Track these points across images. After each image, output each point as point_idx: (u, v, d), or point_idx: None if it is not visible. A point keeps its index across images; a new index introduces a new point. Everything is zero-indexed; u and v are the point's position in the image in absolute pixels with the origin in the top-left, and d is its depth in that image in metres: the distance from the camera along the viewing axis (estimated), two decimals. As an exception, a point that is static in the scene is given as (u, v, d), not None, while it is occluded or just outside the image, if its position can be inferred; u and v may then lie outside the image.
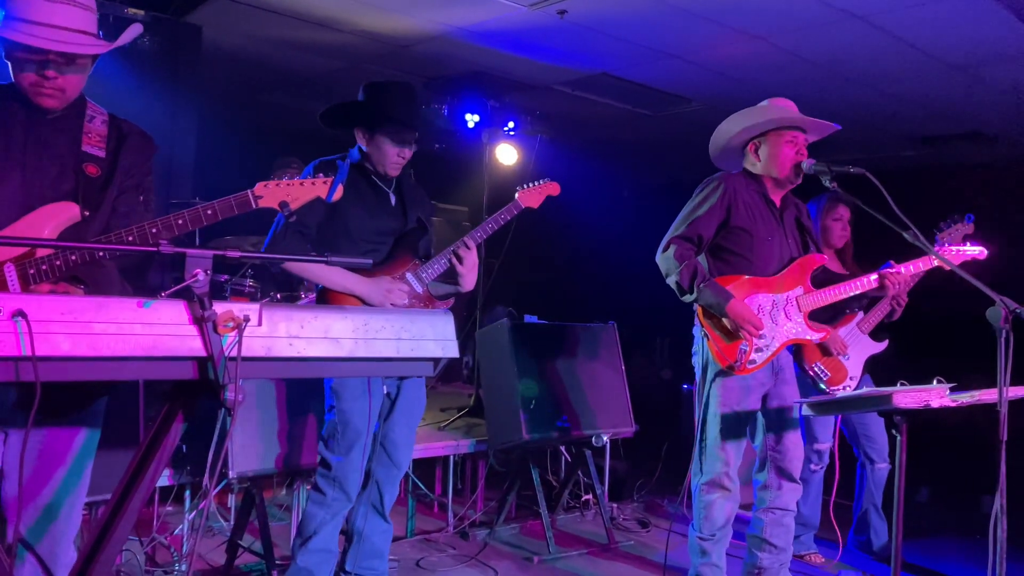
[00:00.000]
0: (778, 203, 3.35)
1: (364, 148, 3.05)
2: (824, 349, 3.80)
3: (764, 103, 3.33)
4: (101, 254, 1.96)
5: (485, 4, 4.38)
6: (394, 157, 3.02)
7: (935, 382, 2.67)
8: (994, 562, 2.45)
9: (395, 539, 4.10)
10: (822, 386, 3.76)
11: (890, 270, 3.31)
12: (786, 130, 3.25)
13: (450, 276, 3.12)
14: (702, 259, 3.29)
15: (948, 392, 2.63)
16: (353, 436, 2.92)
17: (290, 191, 2.15)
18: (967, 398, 2.66)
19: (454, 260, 3.06)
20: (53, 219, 1.98)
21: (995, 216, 3.77)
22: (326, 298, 2.97)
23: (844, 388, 3.80)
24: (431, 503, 4.72)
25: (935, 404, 2.62)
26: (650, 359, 8.06)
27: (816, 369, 3.78)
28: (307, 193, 2.20)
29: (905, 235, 2.82)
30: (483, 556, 4.03)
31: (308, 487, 3.17)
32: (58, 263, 1.91)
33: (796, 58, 4.90)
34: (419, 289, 3.05)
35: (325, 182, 2.23)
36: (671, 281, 3.21)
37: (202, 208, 2.03)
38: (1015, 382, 2.47)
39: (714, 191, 3.25)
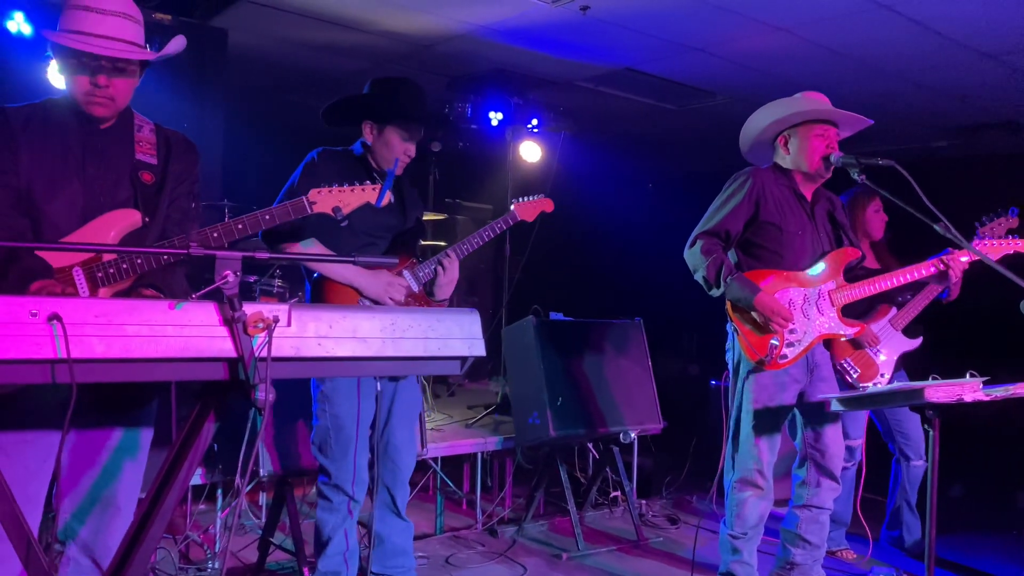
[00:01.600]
0: (809, 197, 3.31)
1: (369, 142, 3.05)
2: (855, 343, 3.75)
3: (796, 96, 3.29)
4: (166, 258, 2.05)
5: (507, 2, 4.38)
6: (400, 154, 3.02)
7: (968, 376, 2.64)
8: None
9: (424, 536, 4.13)
10: (850, 381, 3.72)
11: (949, 255, 3.21)
12: (817, 123, 3.21)
13: (428, 284, 3.14)
14: (731, 255, 3.26)
15: (982, 386, 2.59)
16: (346, 439, 2.92)
17: (342, 197, 2.32)
18: (1001, 392, 2.62)
19: (439, 268, 3.07)
20: (116, 225, 2.08)
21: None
22: (322, 287, 2.95)
23: (875, 384, 3.75)
24: (459, 500, 4.74)
25: (968, 398, 2.58)
26: (677, 355, 8.02)
27: (844, 364, 3.73)
28: (358, 199, 2.37)
29: (936, 227, 2.79)
30: (512, 553, 4.04)
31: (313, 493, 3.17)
32: (124, 266, 2.01)
33: (823, 49, 4.84)
34: (415, 288, 3.07)
35: (375, 188, 2.38)
36: (699, 276, 3.19)
37: (260, 214, 2.15)
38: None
39: (742, 186, 3.22)
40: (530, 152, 6.26)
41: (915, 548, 4.09)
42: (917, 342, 3.89)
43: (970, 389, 2.59)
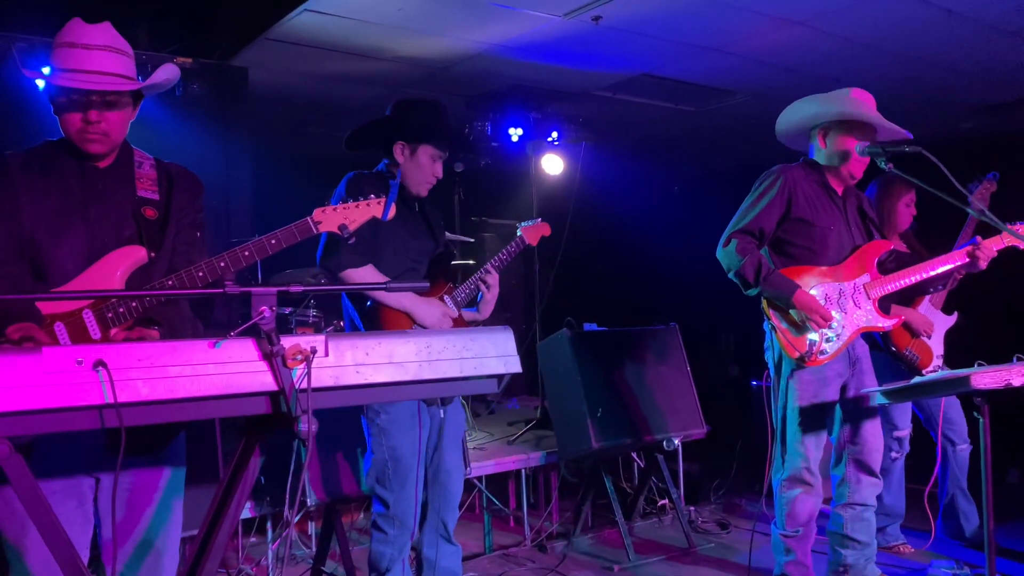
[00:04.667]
0: (840, 191, 3.30)
1: (400, 162, 3.04)
2: (911, 331, 3.72)
3: (844, 92, 3.25)
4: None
5: (520, 18, 4.41)
6: (429, 175, 3.05)
7: (1016, 359, 2.59)
8: None
9: (474, 556, 4.13)
10: (913, 368, 3.68)
11: (978, 244, 3.17)
12: (856, 126, 3.18)
13: (470, 303, 3.14)
14: (764, 252, 3.25)
15: (1030, 369, 2.54)
16: (404, 471, 2.92)
17: (347, 214, 2.24)
18: (1051, 374, 2.56)
19: (482, 286, 3.08)
20: (122, 263, 2.07)
21: None
22: (378, 316, 2.97)
23: (934, 369, 3.71)
24: (507, 518, 4.73)
25: (1016, 383, 2.53)
26: (715, 357, 7.96)
27: (908, 354, 3.70)
28: (364, 214, 2.28)
29: (969, 210, 2.75)
30: (563, 568, 4.02)
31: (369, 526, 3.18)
32: (134, 304, 2.01)
33: (838, 40, 4.80)
34: (455, 312, 3.08)
35: (380, 202, 2.31)
36: (733, 275, 3.18)
37: (266, 239, 2.11)
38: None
39: (773, 183, 3.21)
40: (552, 165, 6.28)
41: (974, 537, 3.99)
42: (954, 318, 3.85)
43: (1018, 373, 2.54)
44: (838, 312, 3.14)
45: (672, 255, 8.22)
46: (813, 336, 3.10)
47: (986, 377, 2.51)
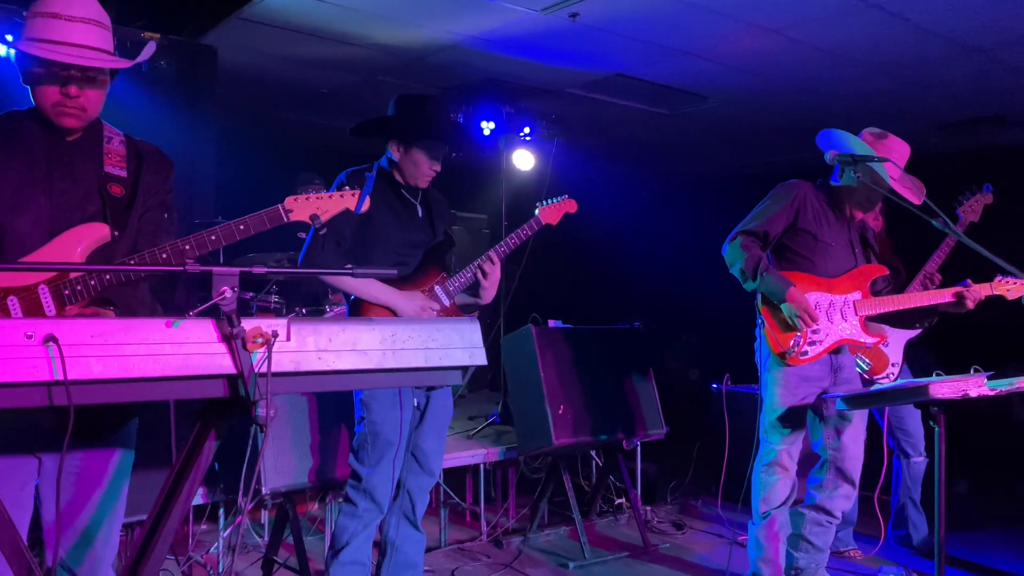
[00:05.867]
0: (847, 215, 3.40)
1: (396, 160, 3.07)
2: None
3: (887, 136, 3.29)
4: (132, 275, 1.98)
5: (496, 11, 4.38)
6: (427, 171, 3.05)
7: (972, 371, 2.63)
8: None
9: (429, 549, 4.10)
10: (864, 376, 3.73)
11: (967, 287, 3.31)
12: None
13: (471, 289, 3.13)
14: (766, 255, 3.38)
15: (986, 381, 2.58)
16: (383, 447, 2.93)
17: (320, 204, 2.18)
18: (1006, 386, 2.61)
19: (479, 274, 3.07)
20: (83, 240, 1.99)
21: (1018, 200, 3.74)
22: (359, 310, 2.98)
23: (888, 376, 3.76)
24: (463, 512, 4.70)
25: (973, 393, 2.57)
26: (678, 359, 8.01)
27: (856, 359, 3.75)
28: (336, 205, 2.22)
29: (934, 223, 2.79)
30: (518, 564, 4.01)
31: (340, 500, 3.17)
32: (92, 283, 1.93)
33: (813, 49, 4.85)
34: (446, 303, 3.07)
35: (353, 194, 2.26)
36: (736, 270, 3.31)
37: (234, 224, 2.05)
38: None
39: (786, 194, 3.35)
40: (523, 160, 6.26)
41: (922, 546, 4.07)
42: (918, 331, 3.90)
43: (975, 384, 2.58)
44: (824, 320, 3.26)
45: (640, 257, 8.27)
46: (798, 336, 3.22)
47: (944, 387, 2.55)
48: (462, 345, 1.83)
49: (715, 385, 5.16)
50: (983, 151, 7.31)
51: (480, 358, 1.84)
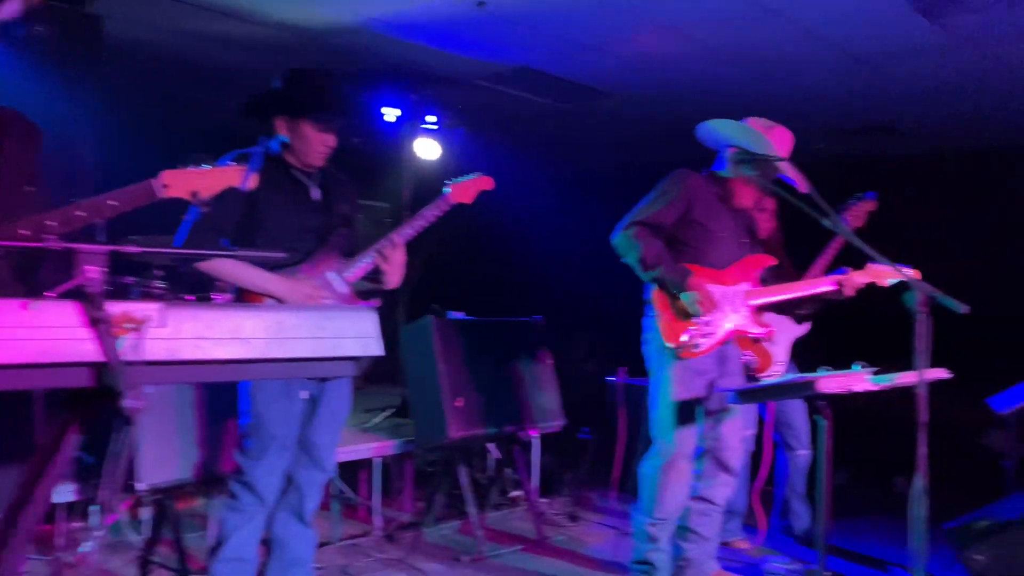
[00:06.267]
0: (737, 206, 3.43)
1: (286, 138, 2.90)
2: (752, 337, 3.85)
3: (762, 137, 3.32)
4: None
5: (404, -6, 4.28)
6: (318, 145, 2.88)
7: (857, 367, 2.72)
8: (915, 541, 2.52)
9: (321, 545, 3.98)
10: (751, 374, 3.81)
11: (846, 275, 3.41)
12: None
13: (374, 274, 3.01)
14: None
15: (869, 376, 2.68)
16: (268, 439, 2.80)
17: (201, 179, 2.03)
18: (888, 382, 2.72)
19: (379, 259, 2.96)
20: None
21: (906, 208, 3.91)
22: (244, 300, 2.82)
23: (772, 376, 3.86)
24: (357, 507, 4.60)
25: (857, 388, 2.67)
26: (576, 353, 8.09)
27: (745, 357, 3.82)
28: (219, 181, 2.07)
29: (823, 221, 2.86)
30: (411, 558, 3.94)
31: (224, 495, 3.03)
32: None
33: (715, 51, 4.94)
34: (342, 290, 2.94)
35: (239, 169, 2.11)
36: (632, 259, 3.26)
37: (103, 198, 1.89)
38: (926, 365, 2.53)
39: (677, 185, 3.33)
40: (427, 149, 6.16)
41: (805, 536, 4.22)
42: (806, 328, 4.03)
43: (859, 380, 2.68)
44: (716, 312, 3.26)
45: (543, 251, 8.29)
46: (692, 329, 3.22)
47: (831, 382, 2.63)
48: (355, 335, 1.76)
49: (610, 378, 5.22)
50: (872, 159, 7.65)
51: (375, 348, 1.77)
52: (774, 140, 3.32)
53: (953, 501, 3.61)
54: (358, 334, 1.76)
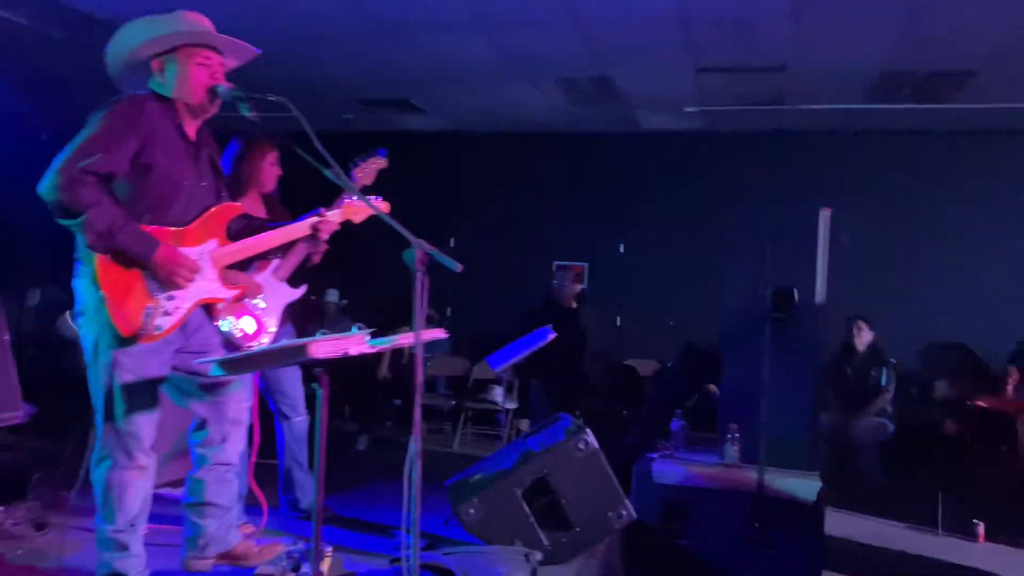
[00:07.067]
0: (192, 137, 2.87)
1: None
2: (239, 299, 3.47)
3: (174, 14, 2.80)
4: None
5: None
6: None
7: (355, 329, 2.56)
8: (409, 503, 2.51)
9: None
10: (237, 343, 3.44)
11: (320, 217, 3.11)
12: (198, 48, 2.79)
13: None
14: None
15: (367, 338, 2.54)
16: None
17: None
18: (386, 344, 2.61)
19: None
20: None
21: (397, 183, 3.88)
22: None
23: (262, 341, 3.54)
24: None
25: (354, 352, 2.51)
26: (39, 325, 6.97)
27: (227, 326, 3.42)
28: None
29: (326, 172, 2.63)
30: None
31: None
32: None
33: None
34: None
35: None
36: (79, 223, 2.54)
37: None
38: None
39: (132, 116, 2.65)
40: None
41: (311, 509, 4.00)
42: (301, 291, 3.79)
43: (356, 342, 2.51)
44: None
45: (37, 213, 6.96)
46: (150, 308, 2.68)
47: (324, 347, 2.41)
48: None
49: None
50: (397, 134, 7.86)
51: None
52: (188, 21, 2.81)
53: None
54: None
